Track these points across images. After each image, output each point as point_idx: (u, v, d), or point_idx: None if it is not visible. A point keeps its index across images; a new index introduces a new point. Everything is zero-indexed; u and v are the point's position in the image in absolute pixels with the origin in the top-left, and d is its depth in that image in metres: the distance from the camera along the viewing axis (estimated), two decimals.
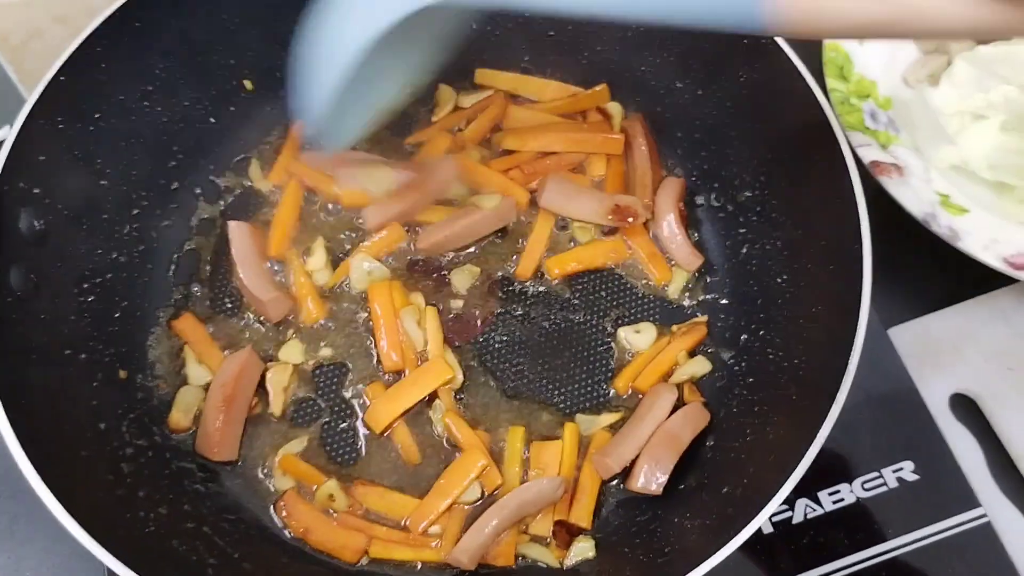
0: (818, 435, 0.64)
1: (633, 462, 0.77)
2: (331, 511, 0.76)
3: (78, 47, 0.75)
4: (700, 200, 0.92)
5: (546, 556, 0.74)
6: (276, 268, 0.86)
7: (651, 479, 0.75)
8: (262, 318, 0.84)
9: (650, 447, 0.77)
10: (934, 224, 0.88)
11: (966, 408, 0.87)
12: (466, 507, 0.76)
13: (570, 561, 0.74)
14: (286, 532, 0.75)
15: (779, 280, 0.81)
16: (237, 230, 0.85)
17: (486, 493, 0.77)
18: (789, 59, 0.77)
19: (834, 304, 0.73)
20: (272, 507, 0.76)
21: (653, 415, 0.78)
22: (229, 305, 0.84)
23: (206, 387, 0.79)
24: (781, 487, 0.63)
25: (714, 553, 0.61)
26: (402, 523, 0.76)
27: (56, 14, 1.08)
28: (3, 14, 1.10)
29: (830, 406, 0.65)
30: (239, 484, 0.76)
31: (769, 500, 0.63)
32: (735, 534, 0.62)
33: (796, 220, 0.80)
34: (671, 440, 0.77)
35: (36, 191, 0.72)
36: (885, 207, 0.79)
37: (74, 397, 0.71)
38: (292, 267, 0.85)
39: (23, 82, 1.15)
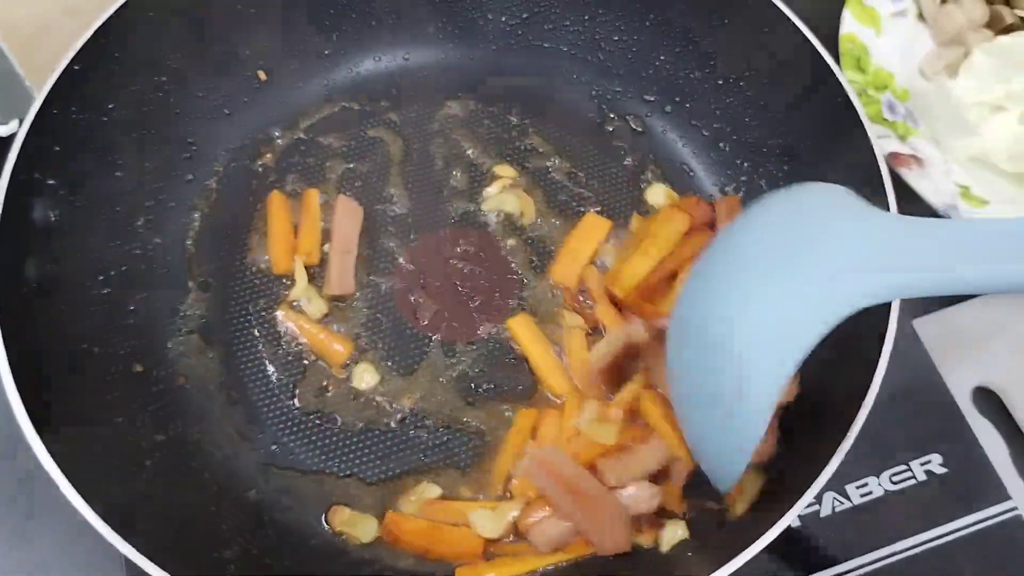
0: (851, 430, 0.63)
1: None
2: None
3: (91, 36, 0.74)
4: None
5: (640, 540, 0.70)
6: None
7: None
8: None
9: None
10: (955, 215, 0.88)
11: (989, 402, 0.86)
12: None
13: (665, 547, 0.70)
14: (324, 528, 0.72)
15: None
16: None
17: None
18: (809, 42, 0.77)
19: None
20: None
21: None
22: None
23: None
24: (812, 483, 0.61)
25: (742, 552, 0.59)
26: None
27: (66, 6, 1.06)
28: (12, 6, 1.08)
29: (862, 399, 0.64)
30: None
31: (799, 498, 0.61)
32: (763, 532, 0.60)
33: None
34: None
35: (51, 182, 0.71)
36: (905, 198, 0.78)
37: (90, 391, 0.69)
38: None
39: (31, 77, 1.13)
